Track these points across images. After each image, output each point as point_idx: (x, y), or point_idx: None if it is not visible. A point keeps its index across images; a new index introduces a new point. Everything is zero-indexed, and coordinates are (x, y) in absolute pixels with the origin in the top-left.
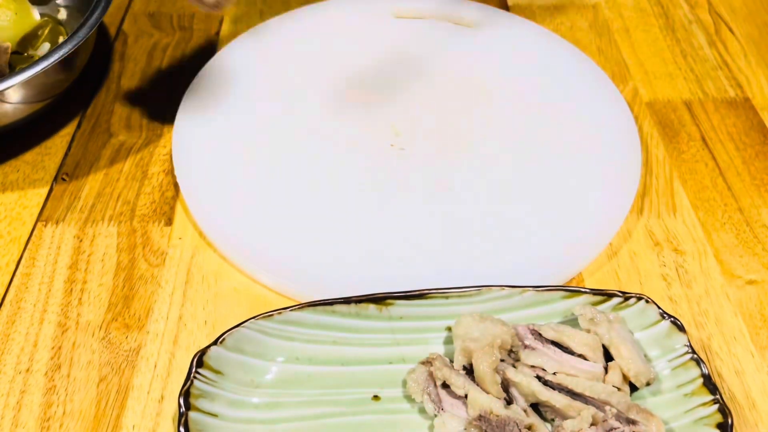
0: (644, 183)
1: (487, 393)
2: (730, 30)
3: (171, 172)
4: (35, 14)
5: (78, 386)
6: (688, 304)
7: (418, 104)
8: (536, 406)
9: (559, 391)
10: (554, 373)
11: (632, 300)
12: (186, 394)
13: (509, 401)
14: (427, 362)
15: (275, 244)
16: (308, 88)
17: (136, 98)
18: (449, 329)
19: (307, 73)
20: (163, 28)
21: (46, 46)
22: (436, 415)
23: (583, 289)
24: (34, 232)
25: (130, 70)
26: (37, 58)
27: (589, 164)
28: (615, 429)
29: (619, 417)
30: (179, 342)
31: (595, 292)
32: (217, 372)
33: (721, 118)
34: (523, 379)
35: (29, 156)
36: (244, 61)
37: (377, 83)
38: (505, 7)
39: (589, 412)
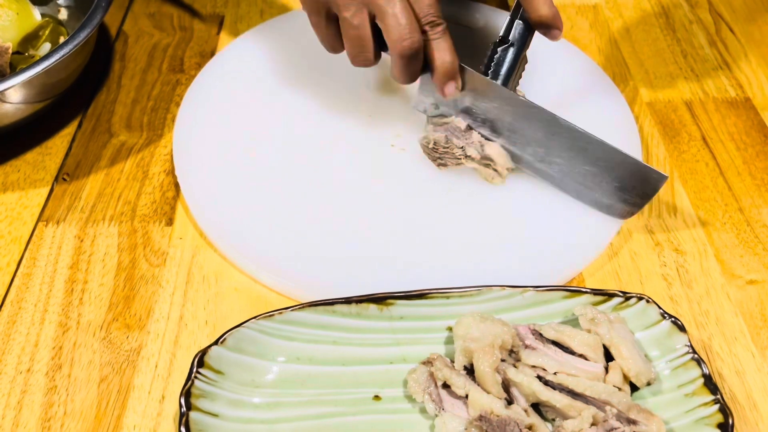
0: None
1: (488, 393)
2: (731, 30)
3: (171, 172)
4: (36, 14)
5: (79, 386)
6: (688, 304)
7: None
8: (537, 406)
9: (560, 391)
10: (555, 373)
11: (633, 300)
12: (187, 393)
13: (510, 401)
14: (428, 362)
15: (275, 244)
16: (309, 89)
17: (136, 98)
18: (450, 329)
19: (307, 73)
20: (163, 29)
21: (47, 47)
22: (436, 415)
23: (583, 289)
24: (35, 232)
25: (131, 70)
26: (38, 58)
27: None
28: (615, 429)
29: (619, 417)
30: (180, 342)
31: (596, 292)
32: (217, 372)
33: (721, 118)
34: (523, 379)
35: (30, 156)
36: (245, 61)
37: (378, 84)
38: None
39: (589, 412)
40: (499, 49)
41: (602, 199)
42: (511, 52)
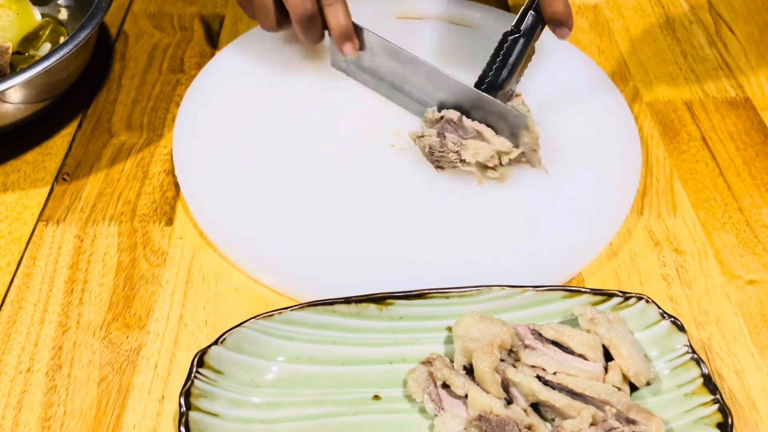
0: (644, 183)
1: (487, 393)
2: (731, 30)
3: (171, 171)
4: (36, 14)
5: (79, 386)
6: (688, 304)
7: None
8: (536, 406)
9: (559, 391)
10: (554, 373)
11: (632, 300)
12: (187, 393)
13: (509, 401)
14: (428, 362)
15: (275, 244)
16: (309, 89)
17: (136, 98)
18: (449, 329)
19: (307, 73)
20: (163, 29)
21: (47, 47)
22: (436, 415)
23: (583, 289)
24: (35, 232)
25: (131, 70)
26: (38, 58)
27: (589, 164)
28: (615, 429)
29: (619, 417)
30: (180, 342)
31: (596, 292)
32: (217, 372)
33: (721, 118)
34: (523, 378)
35: (30, 156)
36: (245, 62)
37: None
38: (506, 7)
39: (589, 411)
40: (510, 39)
41: None
42: (520, 42)
